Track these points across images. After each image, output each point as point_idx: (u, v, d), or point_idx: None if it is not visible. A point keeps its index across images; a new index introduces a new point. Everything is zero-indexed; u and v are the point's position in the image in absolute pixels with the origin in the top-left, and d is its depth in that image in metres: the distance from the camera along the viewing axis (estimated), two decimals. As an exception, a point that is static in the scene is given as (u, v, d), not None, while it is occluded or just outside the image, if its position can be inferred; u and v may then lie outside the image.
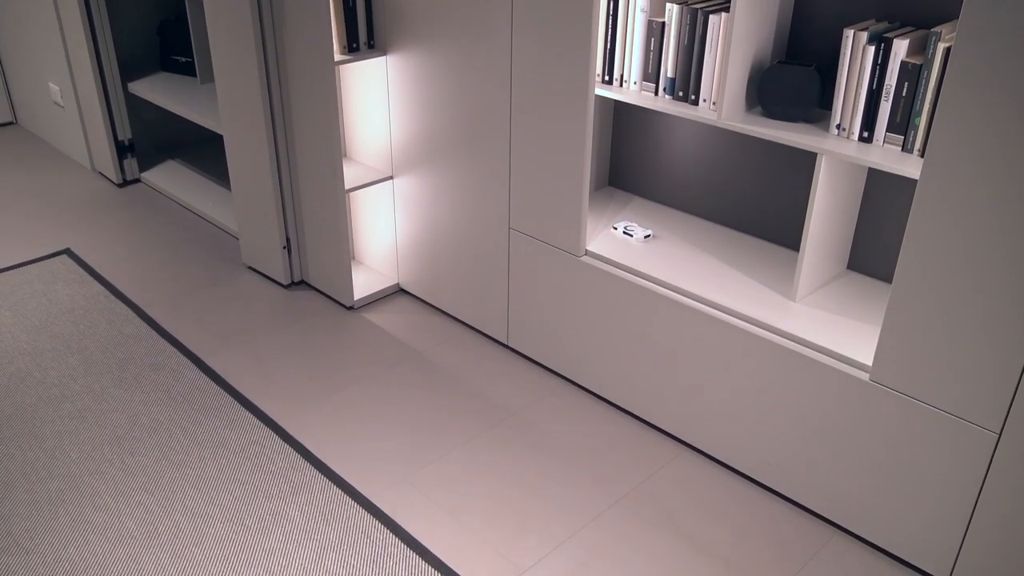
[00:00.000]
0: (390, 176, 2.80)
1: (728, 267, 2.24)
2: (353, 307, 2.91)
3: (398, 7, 2.50)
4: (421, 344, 2.72)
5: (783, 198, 2.27)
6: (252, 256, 3.12)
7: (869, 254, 2.17)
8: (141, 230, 3.43)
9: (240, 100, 2.80)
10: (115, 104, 3.66)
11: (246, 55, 2.67)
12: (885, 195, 2.07)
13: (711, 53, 2.03)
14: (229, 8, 2.65)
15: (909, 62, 1.76)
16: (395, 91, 2.64)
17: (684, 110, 2.08)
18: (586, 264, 2.32)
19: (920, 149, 1.80)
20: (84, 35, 3.47)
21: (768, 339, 1.99)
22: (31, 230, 3.41)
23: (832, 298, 2.10)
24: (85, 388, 2.48)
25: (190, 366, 2.59)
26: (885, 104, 1.82)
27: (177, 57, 3.80)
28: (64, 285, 3.01)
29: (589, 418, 2.40)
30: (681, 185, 2.49)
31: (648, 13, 2.12)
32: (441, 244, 2.73)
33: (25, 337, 2.72)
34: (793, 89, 1.97)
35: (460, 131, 2.49)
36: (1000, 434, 1.68)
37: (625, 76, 2.22)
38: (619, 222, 2.44)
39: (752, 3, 1.94)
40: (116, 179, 3.80)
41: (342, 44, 2.55)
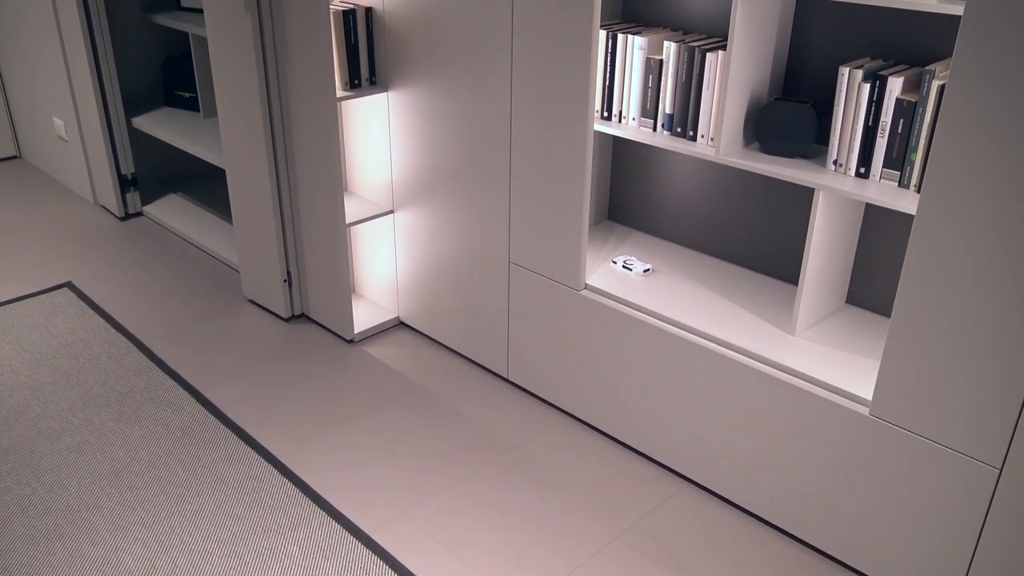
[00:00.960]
0: (391, 210, 2.82)
1: (727, 301, 2.24)
2: (353, 340, 2.92)
3: (400, 44, 2.54)
4: (421, 378, 2.72)
5: (781, 233, 2.29)
6: (253, 289, 3.13)
7: (868, 288, 2.17)
8: (143, 263, 3.44)
9: (242, 135, 2.82)
10: (119, 139, 3.69)
11: (249, 90, 2.71)
12: (883, 230, 2.09)
13: (708, 90, 2.05)
14: (233, 45, 2.69)
15: (904, 99, 1.78)
16: (396, 126, 2.67)
17: (682, 146, 2.10)
18: (586, 298, 2.32)
19: (916, 185, 1.81)
20: (89, 71, 3.51)
21: (768, 373, 1.99)
22: (33, 263, 3.43)
23: (831, 332, 2.10)
24: (84, 422, 2.48)
25: (189, 399, 2.59)
26: (881, 140, 1.84)
27: (181, 92, 3.84)
28: (65, 318, 3.02)
29: (589, 452, 2.39)
30: (680, 219, 2.51)
31: (646, 51, 2.15)
32: (441, 278, 2.74)
33: (25, 370, 2.72)
34: (790, 125, 1.99)
35: (460, 166, 2.51)
36: (1001, 469, 1.67)
37: (624, 112, 2.24)
38: (618, 256, 2.46)
39: (749, 41, 1.97)
40: (118, 212, 3.83)
41: (344, 80, 2.59)
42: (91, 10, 3.43)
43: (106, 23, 3.48)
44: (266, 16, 2.60)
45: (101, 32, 3.49)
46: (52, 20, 3.62)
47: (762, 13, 1.97)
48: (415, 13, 2.44)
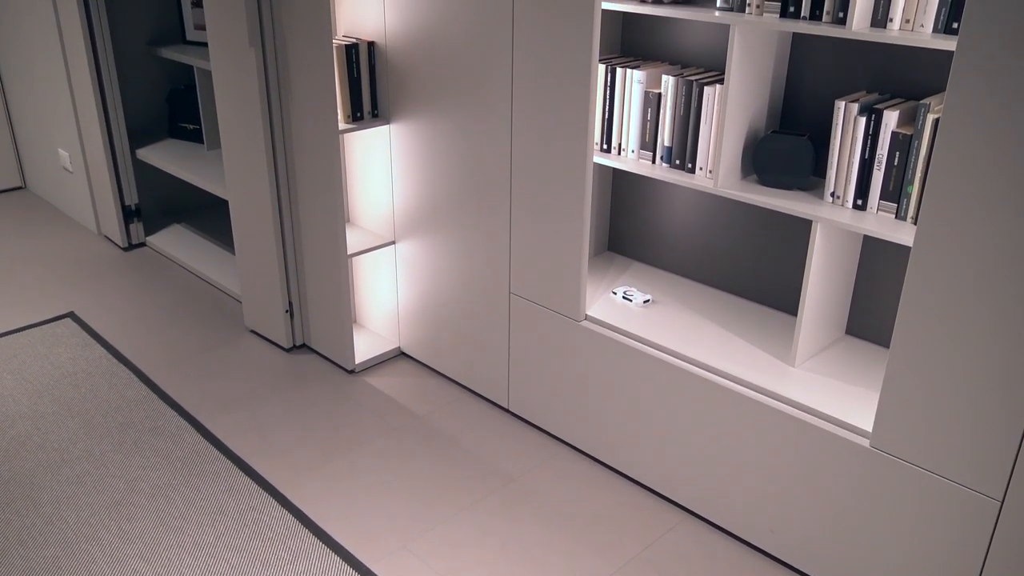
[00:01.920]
0: (392, 241, 2.84)
1: (727, 332, 2.25)
2: (354, 371, 2.92)
3: (401, 78, 2.57)
4: (422, 408, 2.72)
5: (780, 263, 2.30)
6: (254, 320, 3.14)
7: (867, 319, 2.18)
8: (145, 293, 3.45)
9: (246, 166, 2.85)
10: (123, 170, 3.73)
11: (253, 123, 2.73)
12: (881, 261, 2.10)
13: (707, 123, 2.07)
14: (237, 78, 2.72)
15: (900, 132, 1.80)
16: (398, 158, 2.70)
17: (681, 178, 2.12)
18: (586, 329, 2.33)
19: (913, 217, 1.83)
20: (95, 103, 3.55)
21: (768, 404, 1.99)
22: (36, 293, 3.44)
23: (831, 363, 2.11)
24: (85, 452, 2.48)
25: (190, 430, 2.58)
26: (878, 173, 1.86)
27: (185, 124, 3.88)
28: (67, 348, 3.03)
29: (590, 484, 2.39)
30: (679, 250, 2.52)
31: (645, 84, 2.17)
32: (442, 308, 2.75)
33: (26, 401, 2.72)
34: (787, 158, 2.01)
35: (461, 197, 2.53)
36: (1003, 502, 1.67)
37: (623, 144, 2.26)
38: (618, 287, 2.47)
39: (746, 75, 1.99)
40: (122, 243, 3.85)
41: (346, 113, 2.62)
42: (97, 43, 3.48)
43: (112, 56, 3.53)
44: (270, 50, 2.64)
45: (107, 65, 3.53)
46: (59, 53, 3.67)
47: (759, 48, 1.99)
48: (417, 47, 2.48)
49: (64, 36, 3.60)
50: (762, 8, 1.90)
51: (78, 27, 3.44)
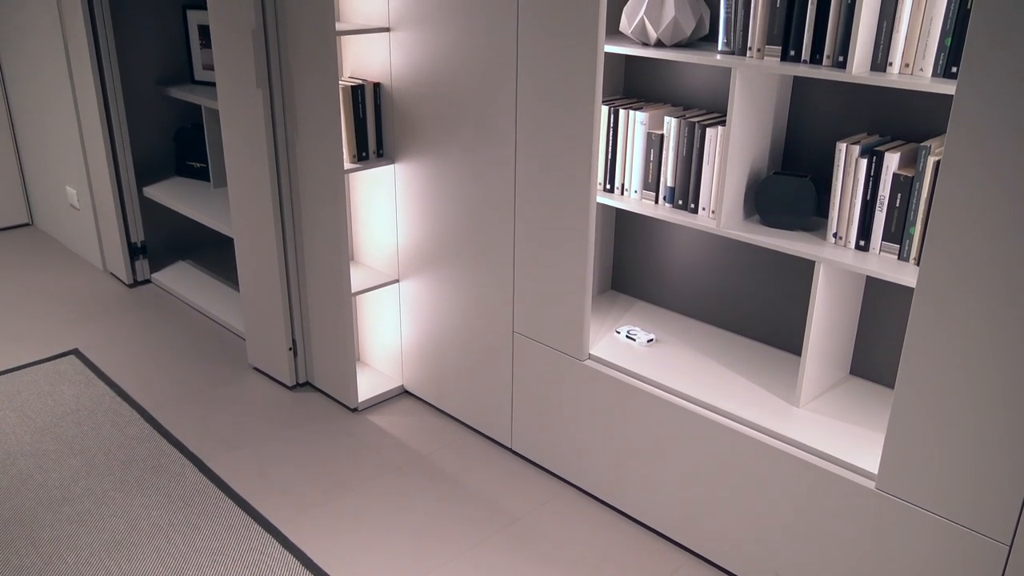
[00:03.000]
0: (396, 279, 2.85)
1: (731, 372, 2.24)
2: (357, 409, 2.91)
3: (407, 118, 2.60)
4: (425, 447, 2.71)
5: (784, 303, 2.30)
6: (258, 357, 3.14)
7: (871, 360, 2.18)
8: (149, 330, 3.46)
9: (251, 204, 2.87)
10: (130, 207, 3.76)
11: (259, 161, 2.76)
12: (885, 301, 2.10)
13: (709, 164, 2.09)
14: (244, 117, 2.75)
15: (901, 174, 1.81)
16: (402, 197, 2.72)
17: (684, 218, 2.13)
18: (589, 368, 2.33)
19: (916, 258, 1.83)
20: (103, 141, 3.59)
21: (772, 446, 1.98)
22: (40, 330, 3.45)
23: (836, 404, 2.10)
24: (86, 491, 2.46)
25: (192, 469, 2.57)
26: (880, 214, 1.87)
27: (192, 163, 3.91)
28: (70, 386, 3.03)
29: (593, 524, 2.37)
30: (683, 289, 2.52)
31: (647, 126, 2.20)
32: (446, 347, 2.75)
33: (28, 438, 2.71)
34: (789, 199, 2.02)
35: (465, 237, 2.54)
36: (1011, 546, 1.65)
37: (626, 185, 2.28)
38: (622, 326, 2.47)
39: (747, 117, 2.01)
40: (127, 280, 3.86)
41: (352, 153, 2.64)
42: (107, 82, 3.53)
43: (121, 95, 3.57)
44: (277, 90, 2.67)
45: (116, 104, 3.57)
46: (68, 91, 3.72)
47: (760, 90, 2.02)
48: (422, 88, 2.51)
49: (74, 75, 3.65)
50: (763, 52, 1.93)
51: (88, 66, 3.49)
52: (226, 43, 2.71)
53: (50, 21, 3.69)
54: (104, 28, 3.46)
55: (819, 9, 1.82)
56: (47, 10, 3.68)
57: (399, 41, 2.53)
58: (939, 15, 1.67)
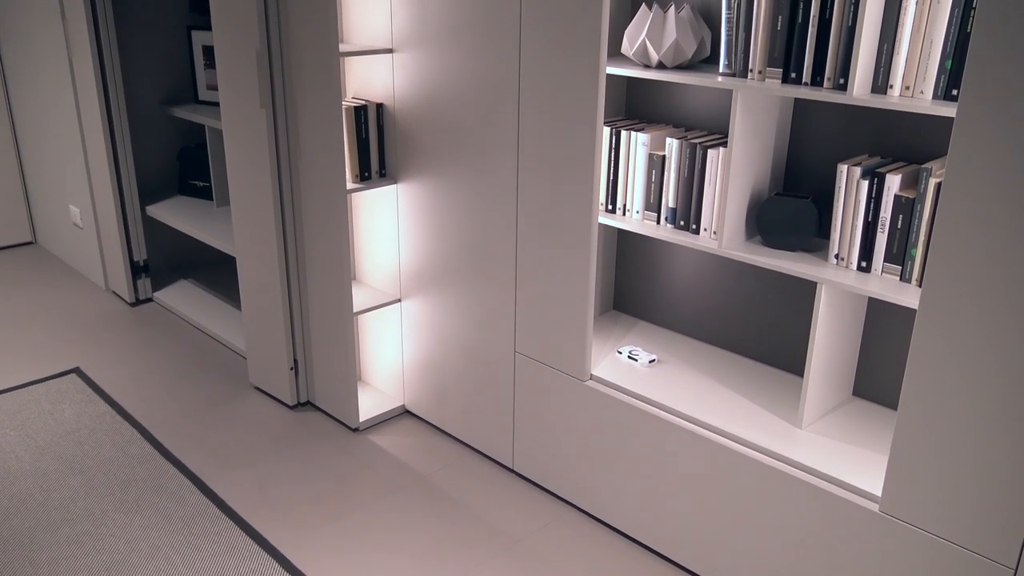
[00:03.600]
0: (398, 299, 2.85)
1: (733, 393, 2.24)
2: (358, 429, 2.90)
3: (409, 138, 2.61)
4: (426, 468, 2.70)
5: (786, 324, 2.30)
6: (259, 376, 3.13)
7: (874, 381, 2.17)
8: (151, 349, 3.46)
9: (254, 224, 2.88)
10: (132, 226, 3.77)
11: (261, 181, 2.77)
12: (887, 322, 2.10)
13: (710, 185, 2.09)
14: (248, 137, 2.77)
15: (902, 196, 1.82)
16: (405, 217, 2.72)
17: (685, 239, 2.13)
18: (591, 389, 2.32)
19: (918, 279, 1.83)
20: (107, 160, 3.60)
21: (775, 467, 1.97)
22: (42, 349, 3.45)
23: (838, 425, 2.09)
24: (85, 511, 2.45)
25: (192, 489, 2.56)
26: (881, 235, 1.87)
27: (195, 182, 3.93)
28: (71, 405, 3.02)
29: (595, 546, 2.35)
30: (685, 310, 2.52)
31: (649, 147, 2.20)
32: (447, 367, 2.75)
33: (29, 458, 2.70)
34: (791, 220, 2.03)
35: (467, 256, 2.55)
36: (1016, 569, 1.64)
37: (628, 205, 2.28)
38: (624, 346, 2.46)
39: (748, 138, 2.02)
40: (129, 298, 3.87)
41: (355, 172, 2.65)
42: (111, 102, 3.55)
43: (125, 114, 3.59)
44: (280, 111, 2.69)
45: (120, 123, 3.59)
46: (73, 110, 3.74)
47: (761, 112, 2.02)
48: (425, 109, 2.52)
49: (79, 94, 3.67)
50: (764, 74, 1.94)
51: (93, 85, 3.51)
52: (230, 64, 2.72)
53: (55, 40, 3.71)
54: (109, 48, 3.48)
55: (820, 32, 1.83)
56: (52, 29, 3.71)
57: (402, 62, 2.55)
58: (939, 38, 1.68)
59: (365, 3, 2.62)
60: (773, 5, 1.89)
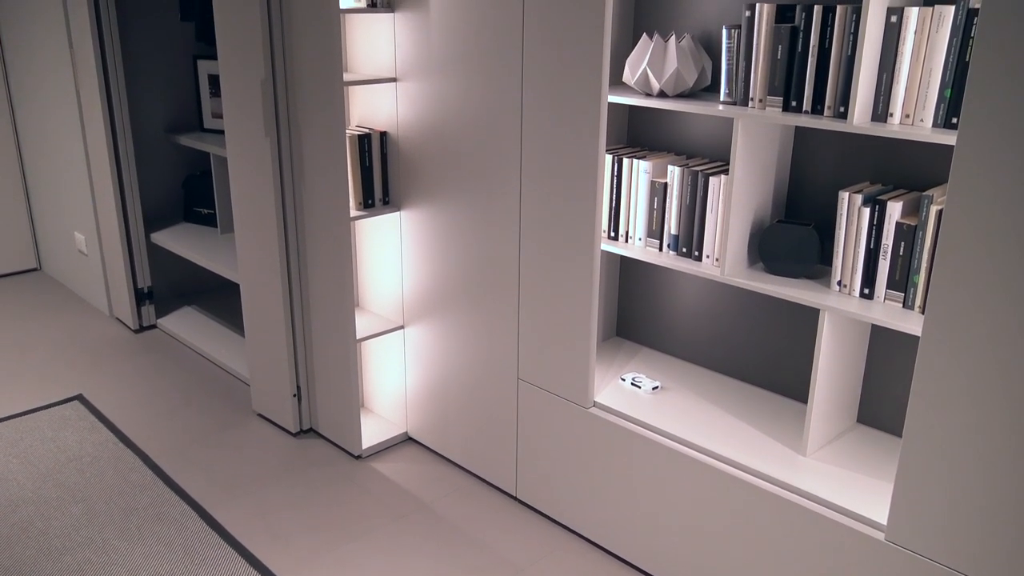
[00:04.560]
0: (401, 325, 2.85)
1: (737, 420, 2.23)
2: (361, 456, 2.90)
3: (412, 166, 2.63)
4: (428, 495, 2.68)
5: (789, 350, 2.29)
6: (262, 403, 3.13)
7: (879, 408, 2.16)
8: (154, 376, 3.46)
9: (258, 251, 2.89)
10: (137, 253, 3.78)
11: (266, 208, 2.79)
12: (891, 349, 2.09)
13: (712, 212, 2.10)
14: (252, 165, 2.78)
15: (904, 223, 1.82)
16: (408, 244, 2.73)
17: (688, 266, 2.13)
18: (594, 416, 2.32)
19: (921, 306, 1.83)
20: (112, 188, 3.63)
21: (779, 495, 1.96)
22: (45, 375, 3.45)
23: (843, 453, 2.08)
24: (87, 540, 2.44)
25: (194, 517, 2.55)
26: (883, 263, 1.87)
27: (199, 209, 3.95)
28: (73, 432, 3.02)
29: (598, 574, 2.33)
30: (688, 336, 2.52)
31: (651, 174, 2.21)
32: (450, 394, 2.74)
33: (31, 485, 2.70)
34: (793, 247, 2.03)
35: (470, 283, 2.55)
36: (1023, 599, 1.62)
37: (630, 232, 2.29)
38: (627, 373, 2.46)
39: (750, 166, 2.03)
40: (133, 325, 3.87)
41: (358, 200, 2.66)
42: (117, 129, 3.58)
43: (131, 142, 3.62)
44: (284, 139, 2.71)
45: (126, 151, 3.62)
46: (79, 138, 3.77)
47: (762, 139, 2.04)
48: (428, 137, 2.54)
49: (85, 122, 3.71)
50: (764, 102, 1.95)
51: (99, 113, 3.54)
52: (236, 92, 2.75)
53: (63, 68, 3.75)
54: (116, 77, 3.52)
55: (819, 61, 1.84)
56: (60, 57, 3.75)
57: (406, 91, 2.57)
58: (938, 67, 1.69)
59: (370, 33, 2.65)
60: (773, 35, 1.90)
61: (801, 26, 1.86)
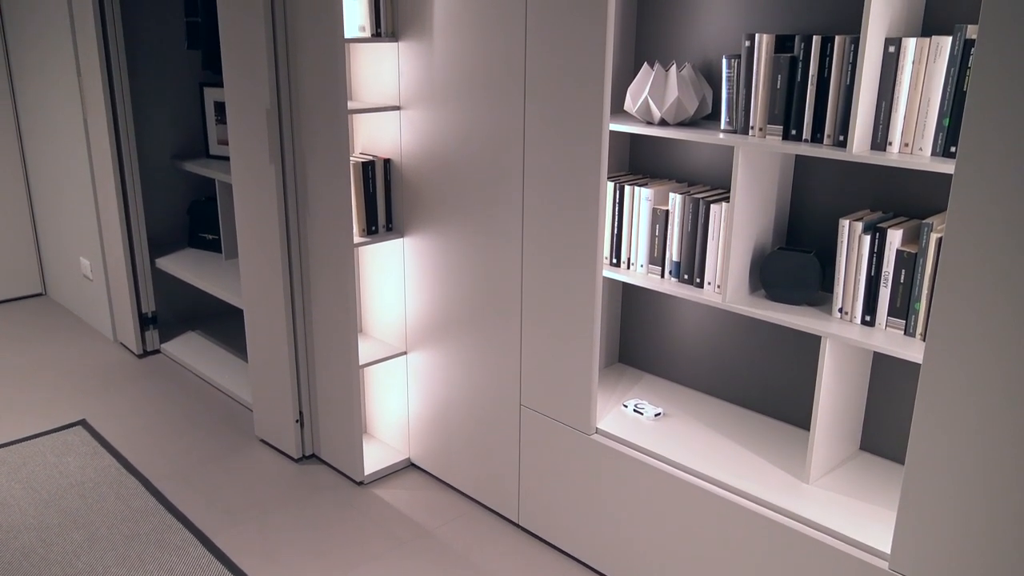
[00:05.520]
0: (404, 351, 2.86)
1: (740, 447, 2.23)
2: (363, 482, 2.89)
3: (416, 193, 2.64)
4: (430, 522, 2.68)
5: (791, 377, 2.29)
6: (265, 429, 3.13)
7: (882, 435, 2.16)
8: (157, 401, 3.46)
9: (262, 276, 2.90)
10: (142, 278, 3.80)
11: (270, 234, 2.80)
12: (893, 375, 2.09)
13: (714, 239, 2.11)
14: (257, 191, 2.81)
15: (904, 251, 1.83)
16: (411, 270, 2.74)
17: (690, 292, 2.14)
18: (597, 443, 2.31)
19: (922, 334, 1.83)
20: (118, 213, 3.65)
21: (783, 523, 1.95)
22: (49, 401, 3.45)
23: (846, 480, 2.07)
24: (87, 567, 2.44)
25: (195, 543, 2.54)
26: (884, 290, 1.88)
27: (204, 234, 3.97)
28: (76, 457, 3.02)
29: (602, 604, 2.32)
30: (690, 363, 2.52)
31: (652, 202, 2.23)
32: (453, 420, 2.74)
33: (33, 511, 2.69)
34: (794, 274, 2.04)
35: (473, 310, 2.56)
36: (1029, 630, 1.61)
37: (632, 259, 2.30)
38: (629, 400, 2.46)
39: (751, 193, 2.04)
40: (136, 350, 3.88)
41: (361, 227, 2.68)
42: (124, 156, 3.61)
43: (137, 169, 3.65)
44: (289, 166, 2.73)
45: (132, 177, 3.65)
46: (86, 164, 3.80)
47: (763, 167, 2.05)
48: (431, 164, 2.56)
49: (92, 148, 3.74)
50: (764, 131, 1.97)
51: (106, 140, 3.57)
52: (241, 120, 2.78)
53: (70, 94, 3.79)
54: (123, 104, 3.56)
55: (819, 90, 1.86)
56: (67, 83, 3.79)
57: (409, 119, 2.59)
58: (936, 96, 1.71)
59: (374, 62, 2.68)
60: (772, 64, 1.92)
61: (800, 56, 1.88)
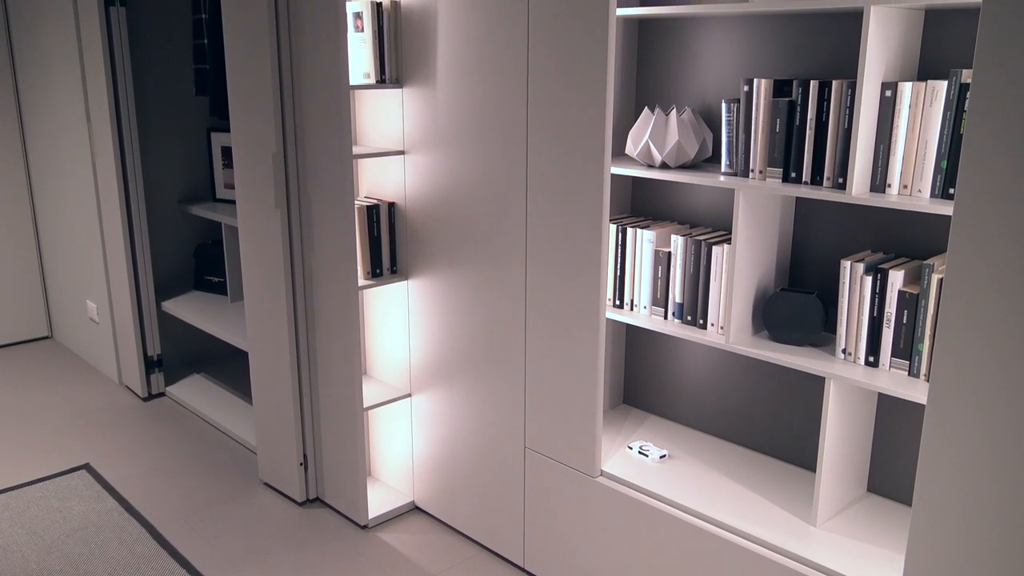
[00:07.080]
0: (408, 394, 2.85)
1: (746, 489, 2.21)
2: (367, 526, 2.87)
3: (420, 236, 2.66)
4: (435, 567, 2.65)
5: (796, 418, 2.29)
6: (269, 472, 3.12)
7: (889, 476, 2.14)
8: (161, 444, 3.46)
9: (267, 319, 2.92)
10: (148, 322, 3.81)
11: (275, 277, 2.82)
12: (899, 416, 2.08)
13: (716, 280, 2.12)
14: (263, 235, 2.83)
15: (906, 291, 1.83)
16: (415, 313, 2.75)
17: (693, 334, 2.14)
18: (602, 485, 2.30)
19: (926, 374, 1.83)
20: (125, 257, 3.68)
21: (790, 567, 1.93)
22: (53, 444, 3.45)
23: (853, 523, 2.05)
24: (89, 613, 2.42)
25: (198, 590, 2.52)
26: (887, 331, 1.88)
27: (210, 277, 3.99)
28: (80, 501, 3.01)
29: (609, 650, 2.29)
30: (695, 404, 2.51)
31: (655, 243, 2.24)
32: (457, 463, 2.73)
33: (35, 557, 2.68)
34: (797, 315, 2.04)
35: (477, 352, 2.56)
36: (1042, 676, 1.58)
37: (635, 301, 2.31)
38: (634, 441, 2.45)
39: (752, 235, 2.05)
40: (141, 393, 3.89)
41: (366, 270, 2.70)
42: (131, 200, 3.65)
43: (144, 212, 3.69)
44: (295, 210, 2.76)
45: (139, 221, 3.68)
46: (94, 208, 3.84)
47: (764, 209, 2.07)
48: (435, 208, 2.58)
49: (100, 192, 3.78)
50: (764, 174, 1.99)
51: (114, 184, 3.62)
52: (247, 165, 2.81)
53: (79, 139, 3.85)
54: (131, 148, 3.60)
55: (817, 133, 1.88)
56: (77, 127, 3.84)
57: (413, 163, 2.62)
58: (934, 139, 1.73)
59: (378, 107, 2.72)
60: (771, 109, 1.95)
61: (798, 100, 1.91)
